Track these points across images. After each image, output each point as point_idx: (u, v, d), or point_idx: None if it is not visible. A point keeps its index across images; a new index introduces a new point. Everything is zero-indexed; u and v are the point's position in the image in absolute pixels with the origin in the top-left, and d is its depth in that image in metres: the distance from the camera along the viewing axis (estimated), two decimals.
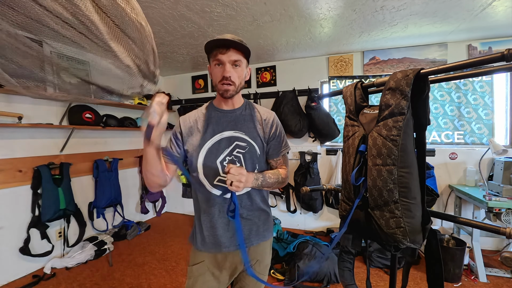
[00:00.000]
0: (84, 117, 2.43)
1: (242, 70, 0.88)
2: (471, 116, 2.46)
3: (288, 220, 3.07)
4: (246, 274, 0.94)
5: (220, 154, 0.88)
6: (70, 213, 2.32)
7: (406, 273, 0.90)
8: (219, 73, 0.85)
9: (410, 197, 0.70)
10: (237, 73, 0.87)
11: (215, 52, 0.84)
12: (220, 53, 0.83)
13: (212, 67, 0.87)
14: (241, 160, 0.89)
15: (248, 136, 0.92)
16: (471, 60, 0.63)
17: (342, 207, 0.91)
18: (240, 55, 0.85)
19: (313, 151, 2.88)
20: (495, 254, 2.28)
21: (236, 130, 0.91)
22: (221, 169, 0.88)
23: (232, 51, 0.83)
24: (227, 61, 0.83)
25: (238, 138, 0.90)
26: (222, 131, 0.90)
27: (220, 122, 0.92)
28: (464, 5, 1.78)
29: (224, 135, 0.89)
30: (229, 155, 0.88)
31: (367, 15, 1.93)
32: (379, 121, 0.75)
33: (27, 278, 2.02)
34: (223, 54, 0.83)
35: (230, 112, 0.94)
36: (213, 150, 0.88)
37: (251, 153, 0.91)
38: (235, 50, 0.84)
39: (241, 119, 0.94)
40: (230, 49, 0.83)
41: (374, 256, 2.13)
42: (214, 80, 0.88)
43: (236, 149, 0.89)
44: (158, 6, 1.75)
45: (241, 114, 0.95)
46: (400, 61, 2.64)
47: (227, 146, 0.89)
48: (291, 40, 2.44)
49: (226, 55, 0.83)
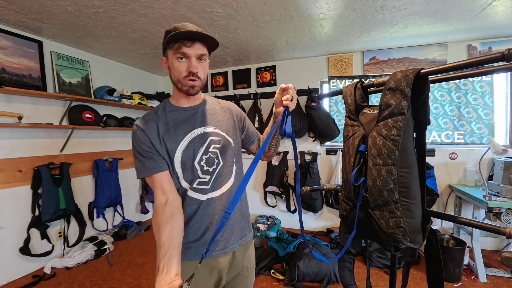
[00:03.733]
0: (84, 117, 2.43)
1: (207, 65, 0.82)
2: (471, 116, 2.46)
3: (288, 220, 3.07)
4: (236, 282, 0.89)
5: (196, 155, 0.81)
6: (70, 213, 2.32)
7: (406, 273, 0.90)
8: (183, 68, 0.76)
9: (410, 197, 0.70)
10: (203, 68, 0.80)
11: (179, 44, 0.75)
12: (185, 46, 0.74)
13: (172, 60, 0.77)
14: (218, 156, 0.84)
15: (220, 130, 0.87)
16: (471, 60, 0.62)
17: (342, 207, 0.91)
18: (205, 49, 0.79)
19: (313, 151, 2.88)
20: (495, 254, 2.28)
21: (206, 126, 0.85)
22: (199, 170, 0.81)
23: (198, 44, 0.76)
24: (193, 55, 0.75)
25: (211, 133, 0.85)
26: (192, 130, 0.83)
27: (188, 120, 0.84)
28: (464, 5, 1.78)
29: (195, 133, 0.83)
30: (205, 153, 0.82)
31: (367, 15, 1.93)
32: (379, 121, 0.75)
33: (27, 278, 2.02)
34: (189, 47, 0.75)
35: (194, 109, 0.87)
36: (188, 152, 0.80)
37: (226, 146, 0.86)
38: (201, 43, 0.77)
39: (208, 113, 0.88)
40: (196, 42, 0.75)
41: (374, 256, 2.13)
42: (176, 75, 0.78)
43: (211, 145, 0.83)
44: (158, 6, 1.75)
45: (205, 109, 0.89)
46: (400, 61, 2.64)
47: (201, 144, 0.82)
48: (291, 40, 2.44)
49: (193, 49, 0.75)
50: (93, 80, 2.66)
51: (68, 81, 2.41)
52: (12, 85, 1.94)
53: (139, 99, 2.99)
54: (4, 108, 1.96)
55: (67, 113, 2.35)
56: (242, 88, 3.25)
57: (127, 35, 2.25)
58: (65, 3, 1.69)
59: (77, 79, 2.49)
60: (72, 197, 2.33)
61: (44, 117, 2.23)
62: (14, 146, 2.04)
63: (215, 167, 0.83)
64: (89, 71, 2.61)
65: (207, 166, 0.82)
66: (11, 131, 2.02)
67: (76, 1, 1.67)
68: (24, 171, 2.09)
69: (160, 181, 0.78)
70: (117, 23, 2.00)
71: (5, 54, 1.96)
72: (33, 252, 2.08)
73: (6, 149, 1.99)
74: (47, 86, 2.24)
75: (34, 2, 1.67)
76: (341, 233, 0.96)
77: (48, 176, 2.14)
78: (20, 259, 2.04)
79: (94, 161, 2.63)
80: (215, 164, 0.83)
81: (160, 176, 0.78)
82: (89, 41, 2.38)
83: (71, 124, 2.36)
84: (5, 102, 1.98)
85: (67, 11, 1.80)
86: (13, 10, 1.76)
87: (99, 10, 1.80)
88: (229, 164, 0.87)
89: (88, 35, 2.23)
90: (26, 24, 1.98)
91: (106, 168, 2.69)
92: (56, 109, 2.33)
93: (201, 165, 0.81)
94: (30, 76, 2.11)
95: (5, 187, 1.98)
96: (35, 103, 2.17)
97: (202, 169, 0.81)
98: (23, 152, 2.10)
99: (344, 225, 0.94)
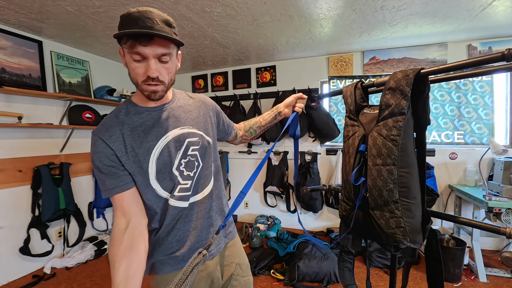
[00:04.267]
0: (84, 117, 2.43)
1: (172, 64, 0.66)
2: (471, 116, 2.46)
3: (288, 220, 3.07)
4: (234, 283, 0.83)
5: (174, 160, 0.71)
6: (70, 213, 2.32)
7: (406, 273, 0.90)
8: (141, 71, 0.62)
9: (410, 197, 0.70)
10: (167, 69, 0.65)
11: (132, 42, 0.59)
12: (139, 44, 0.58)
13: (128, 59, 0.62)
14: (198, 159, 0.76)
15: (197, 129, 0.77)
16: (471, 60, 0.62)
17: (342, 207, 0.91)
18: (169, 46, 0.63)
19: (313, 151, 2.88)
20: (495, 254, 2.28)
21: (181, 126, 0.74)
22: (179, 176, 0.72)
23: (157, 41, 0.60)
24: (151, 55, 0.61)
25: (188, 134, 0.74)
26: (165, 133, 0.71)
27: (158, 123, 0.71)
28: (464, 5, 1.78)
29: (169, 137, 0.71)
30: (184, 157, 0.73)
31: (367, 15, 1.93)
32: (379, 121, 0.75)
33: (27, 278, 2.02)
34: (145, 46, 0.59)
35: (164, 108, 0.74)
36: (164, 159, 0.69)
37: (205, 146, 0.78)
38: (161, 40, 0.61)
39: (181, 111, 0.77)
40: (154, 39, 0.60)
41: (374, 256, 2.13)
42: (134, 77, 0.64)
43: (189, 148, 0.74)
44: (158, 6, 1.75)
45: (177, 106, 0.77)
46: (400, 61, 2.64)
47: (178, 148, 0.72)
48: (291, 40, 2.44)
49: (151, 48, 0.60)
50: (93, 80, 2.66)
51: (68, 81, 2.41)
52: (12, 85, 1.94)
53: None
54: (4, 108, 1.96)
55: (67, 113, 2.35)
56: (242, 88, 3.25)
57: None
58: (65, 3, 1.69)
59: (77, 79, 2.49)
60: (72, 197, 2.33)
61: (44, 117, 2.23)
62: (14, 146, 2.04)
63: (195, 170, 0.75)
64: (89, 71, 2.61)
65: (187, 171, 0.73)
66: (11, 131, 2.02)
67: (76, 1, 1.67)
68: (24, 171, 2.09)
69: (120, 202, 0.67)
70: (117, 23, 2.00)
71: (5, 54, 1.96)
72: (33, 252, 2.08)
73: (6, 149, 1.99)
74: (47, 86, 2.24)
75: (34, 2, 1.67)
76: (341, 233, 0.96)
77: (48, 176, 2.14)
78: (20, 259, 2.04)
79: None
80: (195, 167, 0.75)
81: (121, 197, 0.66)
82: (89, 41, 2.37)
83: (71, 124, 2.36)
84: (5, 102, 1.98)
85: (67, 11, 1.80)
86: (13, 10, 1.76)
87: (99, 10, 1.80)
88: (209, 164, 0.80)
89: (88, 35, 2.23)
90: (26, 24, 1.98)
91: None
92: (56, 109, 2.33)
93: (181, 170, 0.72)
94: (30, 76, 2.11)
95: (5, 187, 1.98)
96: (35, 103, 2.17)
97: (182, 174, 0.72)
98: (23, 152, 2.10)
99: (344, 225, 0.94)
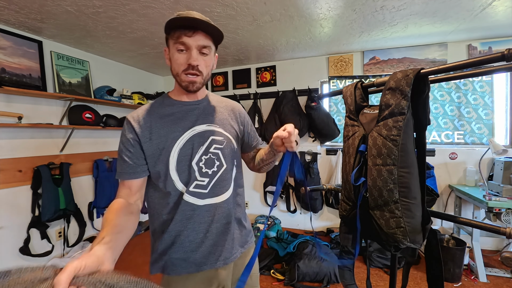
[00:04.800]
0: (84, 117, 2.43)
1: (210, 59, 0.73)
2: (471, 116, 2.46)
3: (288, 220, 3.07)
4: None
5: (195, 154, 0.73)
6: (70, 213, 2.32)
7: (406, 273, 0.90)
8: (183, 60, 0.69)
9: (410, 197, 0.70)
10: (205, 62, 0.71)
11: (179, 33, 0.67)
12: (185, 35, 0.67)
13: (173, 52, 0.70)
14: (220, 158, 0.76)
15: (224, 129, 0.79)
16: (471, 60, 0.63)
17: (342, 207, 0.91)
18: (210, 40, 0.71)
19: (313, 151, 2.88)
20: (495, 254, 2.28)
21: (208, 123, 0.77)
22: (197, 171, 0.73)
23: (200, 34, 0.68)
24: (194, 46, 0.68)
25: (213, 132, 0.76)
26: (192, 127, 0.75)
27: (187, 116, 0.76)
28: (464, 5, 1.78)
29: (196, 131, 0.74)
30: (205, 153, 0.74)
31: (367, 15, 1.93)
32: (379, 121, 0.75)
33: None
34: (189, 37, 0.67)
35: (196, 104, 0.79)
36: (186, 151, 0.72)
37: (229, 148, 0.78)
38: (203, 34, 0.68)
39: (211, 110, 0.80)
40: (198, 31, 0.67)
41: (374, 256, 2.13)
42: (176, 68, 0.71)
43: (212, 145, 0.75)
44: (158, 6, 1.75)
45: (208, 105, 0.81)
46: (400, 61, 2.64)
47: (202, 143, 0.74)
48: (291, 40, 2.44)
49: (194, 39, 0.67)
50: (93, 80, 2.66)
51: (68, 81, 2.41)
52: (12, 85, 1.93)
53: (139, 99, 2.98)
54: (4, 108, 1.96)
55: (67, 113, 2.35)
56: (242, 88, 3.25)
57: (127, 35, 2.25)
58: (65, 3, 1.69)
59: (77, 79, 2.49)
60: (72, 197, 2.33)
61: (44, 117, 2.23)
62: (14, 146, 2.04)
63: (215, 169, 0.76)
64: (89, 71, 2.61)
65: (206, 168, 0.74)
66: (11, 131, 2.01)
67: (76, 1, 1.67)
68: (24, 171, 2.08)
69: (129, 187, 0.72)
70: (117, 23, 2.00)
71: (5, 54, 1.96)
72: (33, 252, 2.08)
73: (6, 149, 1.99)
74: (47, 86, 2.24)
75: (34, 2, 1.67)
76: (341, 233, 0.96)
77: (48, 176, 2.14)
78: (20, 259, 2.04)
79: (94, 161, 2.63)
80: (216, 166, 0.76)
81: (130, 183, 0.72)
82: (89, 41, 2.37)
83: (71, 124, 2.36)
84: (5, 102, 1.98)
85: (67, 11, 1.80)
86: (13, 10, 1.76)
87: (99, 10, 1.80)
88: (230, 168, 0.80)
89: (88, 35, 2.23)
90: (26, 24, 1.98)
91: (106, 168, 2.69)
92: (56, 109, 2.33)
93: (200, 166, 0.73)
94: (30, 76, 2.11)
95: (5, 187, 1.98)
96: (35, 103, 2.17)
97: (200, 170, 0.74)
98: (23, 152, 2.09)
99: (344, 225, 0.94)
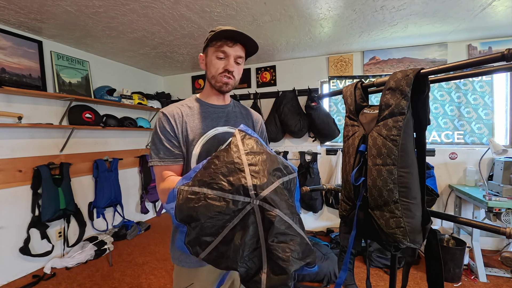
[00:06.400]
0: (84, 117, 2.43)
1: (242, 68, 0.86)
2: (471, 116, 2.46)
3: None
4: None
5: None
6: (70, 213, 2.32)
7: (406, 273, 0.90)
8: (220, 65, 0.80)
9: (410, 197, 0.70)
10: (238, 70, 0.84)
11: (221, 43, 0.79)
12: (227, 46, 0.79)
13: (212, 57, 0.81)
14: None
15: None
16: (471, 60, 0.62)
17: (342, 207, 0.91)
18: (244, 52, 0.84)
19: (313, 151, 2.88)
20: (495, 254, 2.28)
21: (230, 126, 0.86)
22: None
23: (239, 46, 0.81)
24: (232, 55, 0.80)
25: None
26: (215, 126, 0.83)
27: (213, 117, 0.85)
28: (464, 5, 1.78)
29: (218, 131, 0.83)
30: None
31: (367, 15, 1.93)
32: (379, 121, 0.75)
33: (27, 278, 2.02)
34: (231, 47, 0.79)
35: (222, 107, 0.89)
36: (208, 147, 0.81)
37: None
38: (241, 46, 0.82)
39: (233, 115, 0.90)
40: (238, 43, 0.80)
41: (374, 256, 2.13)
42: (213, 71, 0.82)
43: None
44: (158, 6, 1.75)
45: (232, 110, 0.91)
46: (400, 61, 2.64)
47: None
48: (291, 40, 2.44)
49: (233, 49, 0.80)
50: (93, 80, 2.66)
51: (68, 81, 2.41)
52: (12, 85, 1.94)
53: (139, 99, 2.99)
54: (4, 108, 1.96)
55: (67, 113, 2.35)
56: (242, 88, 3.25)
57: (127, 35, 2.25)
58: (65, 3, 1.69)
59: (77, 79, 2.49)
60: (72, 197, 2.33)
61: (44, 117, 2.23)
62: (14, 146, 2.04)
63: None
64: (89, 71, 2.61)
65: None
66: (11, 131, 2.01)
67: (76, 1, 1.67)
68: (24, 171, 2.09)
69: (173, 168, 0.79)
70: (117, 23, 2.00)
71: (5, 54, 1.96)
72: (33, 252, 2.08)
73: (6, 149, 1.99)
74: (47, 86, 2.24)
75: (34, 2, 1.67)
76: (341, 233, 0.96)
77: (48, 176, 2.14)
78: (20, 259, 2.04)
79: (94, 161, 2.63)
80: None
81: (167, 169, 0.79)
82: (89, 41, 2.37)
83: (71, 124, 2.36)
84: (5, 102, 1.98)
85: (67, 11, 1.80)
86: (13, 10, 1.76)
87: (99, 10, 1.80)
88: None
89: (88, 35, 2.23)
90: (26, 24, 1.98)
91: (106, 168, 2.69)
92: (56, 109, 2.33)
93: None
94: (30, 76, 2.11)
95: (5, 187, 1.98)
96: (35, 103, 2.17)
97: None
98: (23, 152, 2.09)
99: (344, 225, 0.94)
